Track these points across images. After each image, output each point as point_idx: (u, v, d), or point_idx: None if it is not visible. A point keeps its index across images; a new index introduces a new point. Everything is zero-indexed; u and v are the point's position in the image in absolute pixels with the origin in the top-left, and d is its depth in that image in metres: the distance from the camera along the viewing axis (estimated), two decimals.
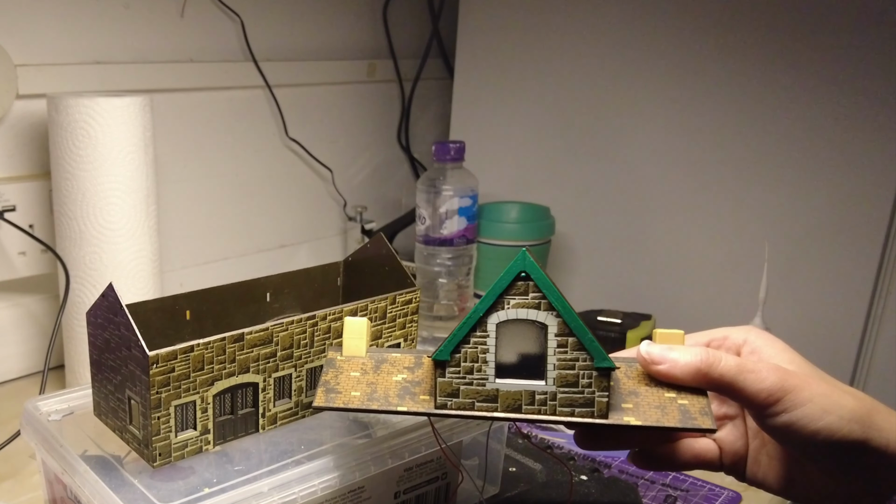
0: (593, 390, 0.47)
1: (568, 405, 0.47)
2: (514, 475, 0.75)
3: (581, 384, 0.47)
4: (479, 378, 0.48)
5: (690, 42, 1.07)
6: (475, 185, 1.13)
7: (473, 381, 0.48)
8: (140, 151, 0.85)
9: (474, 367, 0.48)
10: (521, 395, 0.48)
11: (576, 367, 0.47)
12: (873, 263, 0.96)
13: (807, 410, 0.44)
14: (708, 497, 0.74)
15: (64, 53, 0.96)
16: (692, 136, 1.08)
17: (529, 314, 0.47)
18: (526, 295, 0.47)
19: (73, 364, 0.90)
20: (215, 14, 1.11)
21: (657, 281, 1.14)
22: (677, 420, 0.47)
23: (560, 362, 0.47)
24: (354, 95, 1.33)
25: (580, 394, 0.47)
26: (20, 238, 0.91)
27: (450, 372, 0.48)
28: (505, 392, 0.48)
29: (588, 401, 0.47)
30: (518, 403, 0.48)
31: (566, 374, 0.47)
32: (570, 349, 0.47)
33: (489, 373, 0.48)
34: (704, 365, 0.46)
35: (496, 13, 1.26)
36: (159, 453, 0.54)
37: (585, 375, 0.47)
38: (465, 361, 0.48)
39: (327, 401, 0.50)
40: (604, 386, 0.47)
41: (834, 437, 0.44)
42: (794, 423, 0.44)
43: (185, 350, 0.54)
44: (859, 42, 0.94)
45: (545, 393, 0.48)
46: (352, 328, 0.54)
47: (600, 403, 0.47)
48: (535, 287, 0.47)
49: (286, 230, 1.27)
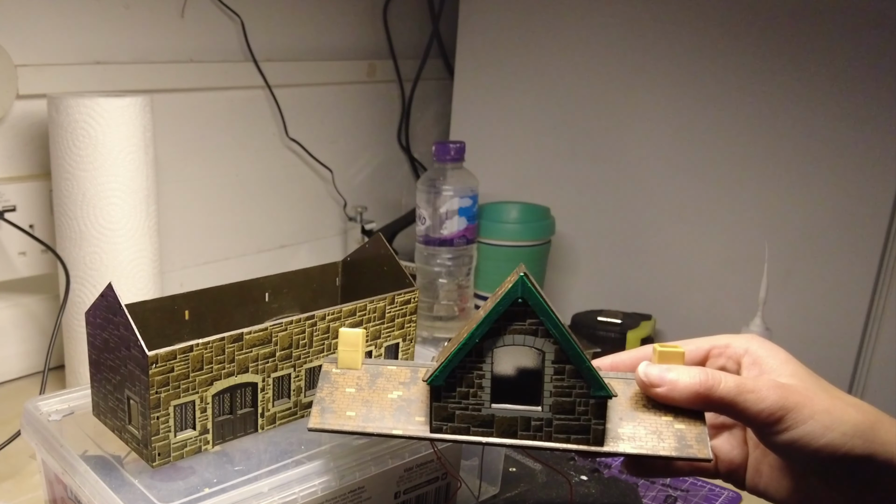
0: (589, 418, 0.47)
1: (563, 432, 0.47)
2: (514, 475, 0.75)
3: (577, 411, 0.47)
4: (475, 403, 0.47)
5: (690, 42, 1.07)
6: (475, 185, 1.13)
7: (469, 405, 0.47)
8: (140, 151, 0.85)
9: (469, 393, 0.47)
10: (516, 421, 0.47)
11: (572, 395, 0.47)
12: (873, 263, 0.96)
13: (809, 428, 0.44)
14: (708, 497, 0.74)
15: (64, 53, 0.96)
16: (692, 136, 1.08)
17: (526, 340, 0.47)
18: (523, 321, 0.46)
19: (73, 364, 0.90)
20: (215, 14, 1.11)
21: (657, 281, 1.14)
22: (673, 448, 0.46)
23: (556, 389, 0.47)
24: (354, 95, 1.33)
25: (576, 421, 0.47)
26: (20, 238, 0.91)
27: (445, 397, 0.47)
28: (501, 418, 0.47)
29: (584, 428, 0.47)
30: (514, 429, 0.47)
31: (562, 402, 0.47)
32: (566, 376, 0.47)
33: (485, 398, 0.47)
34: (703, 388, 0.45)
35: (496, 13, 1.26)
36: (158, 453, 0.55)
37: (582, 403, 0.47)
38: (461, 387, 0.47)
39: (322, 422, 0.49)
40: (600, 414, 0.46)
41: (837, 453, 0.44)
42: (796, 440, 0.44)
43: (184, 350, 0.54)
44: (859, 42, 0.93)
45: (541, 419, 0.47)
46: (347, 339, 0.53)
47: (596, 431, 0.47)
48: (532, 313, 0.46)
49: (286, 230, 1.27)
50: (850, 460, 0.44)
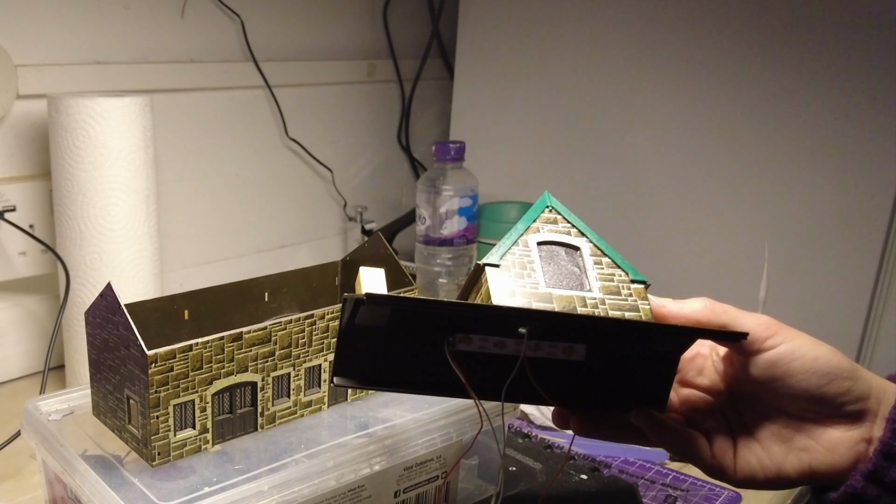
0: (636, 299, 0.49)
1: (617, 310, 0.49)
2: (514, 475, 0.75)
3: (623, 294, 0.49)
4: (531, 283, 0.48)
5: (690, 42, 1.07)
6: (475, 185, 1.13)
7: (527, 284, 0.48)
8: (140, 151, 0.85)
9: (525, 274, 0.48)
10: (573, 298, 0.48)
11: (615, 280, 0.50)
12: (873, 263, 0.96)
13: (802, 341, 0.48)
14: (708, 497, 0.74)
15: (64, 53, 0.96)
16: (692, 136, 1.08)
17: (562, 238, 0.50)
18: (556, 224, 0.51)
19: (73, 364, 0.90)
20: (215, 14, 1.11)
21: (657, 281, 1.14)
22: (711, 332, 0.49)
23: (600, 276, 0.50)
24: (354, 95, 1.33)
25: (625, 301, 0.49)
26: (20, 238, 0.91)
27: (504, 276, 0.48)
28: (559, 295, 0.48)
29: (634, 307, 0.49)
30: (573, 305, 0.48)
31: (608, 286, 0.49)
32: (605, 267, 0.50)
33: (539, 279, 0.49)
34: (709, 302, 0.51)
35: (496, 13, 1.26)
36: (158, 452, 0.55)
37: (625, 287, 0.50)
38: (515, 268, 0.48)
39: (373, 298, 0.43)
40: (644, 296, 0.49)
41: (831, 362, 0.47)
42: (792, 351, 0.47)
43: (183, 349, 0.54)
44: (859, 42, 0.93)
45: (595, 298, 0.49)
46: (370, 277, 0.53)
47: (645, 310, 0.49)
48: (564, 219, 0.51)
49: (286, 230, 1.27)
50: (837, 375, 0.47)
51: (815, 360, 0.47)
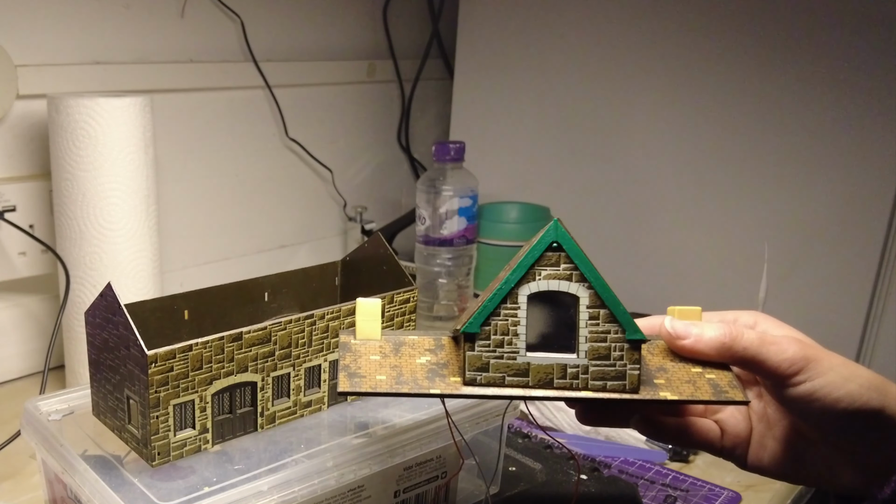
0: (625, 363, 0.47)
1: (600, 378, 0.47)
2: (514, 475, 0.75)
3: (613, 357, 0.47)
4: (510, 352, 0.47)
5: (690, 42, 1.07)
6: (475, 185, 1.13)
7: (504, 354, 0.47)
8: (140, 151, 0.85)
9: (504, 341, 0.47)
10: (552, 368, 0.47)
11: (607, 340, 0.47)
12: (873, 263, 0.96)
13: (829, 378, 0.45)
14: (708, 497, 0.74)
15: (64, 53, 0.96)
16: (692, 137, 1.08)
17: (561, 286, 0.46)
18: (557, 266, 0.46)
19: (73, 364, 0.90)
20: (215, 14, 1.11)
21: (657, 281, 1.14)
22: (710, 393, 0.47)
23: (592, 335, 0.47)
24: (354, 95, 1.33)
25: (612, 367, 0.47)
26: (20, 238, 0.92)
27: (479, 345, 0.47)
28: (536, 366, 0.47)
29: (620, 374, 0.47)
30: (550, 377, 0.47)
31: (598, 347, 0.47)
32: (601, 321, 0.47)
33: (520, 346, 0.47)
34: (728, 339, 0.47)
35: (496, 13, 1.26)
36: (158, 452, 0.55)
37: (617, 348, 0.47)
38: (496, 334, 0.47)
39: (353, 385, 0.47)
40: (635, 359, 0.47)
41: (855, 404, 0.45)
42: (816, 391, 0.45)
43: (183, 349, 0.54)
44: (859, 42, 0.94)
45: (577, 366, 0.47)
46: (365, 310, 0.51)
47: (632, 377, 0.47)
48: (567, 258, 0.46)
49: (286, 230, 1.27)
50: (864, 414, 0.45)
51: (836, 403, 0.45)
